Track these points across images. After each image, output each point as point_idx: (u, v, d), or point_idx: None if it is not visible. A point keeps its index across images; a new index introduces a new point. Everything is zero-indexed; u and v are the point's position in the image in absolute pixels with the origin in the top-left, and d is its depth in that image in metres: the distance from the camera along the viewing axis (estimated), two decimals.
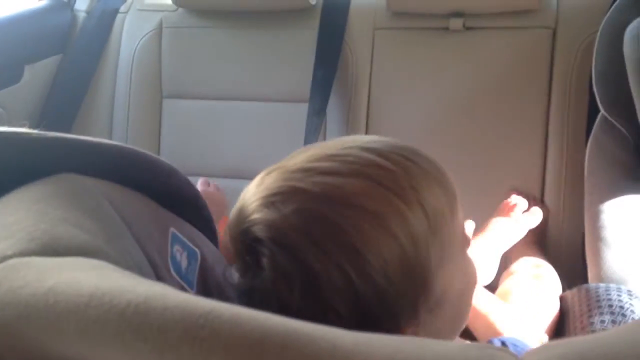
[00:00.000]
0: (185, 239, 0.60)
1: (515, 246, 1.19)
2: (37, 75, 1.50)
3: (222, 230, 0.71)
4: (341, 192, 0.42)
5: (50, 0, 1.60)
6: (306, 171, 0.44)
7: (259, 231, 0.43)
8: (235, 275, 0.63)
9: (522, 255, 1.15)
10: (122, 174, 0.49)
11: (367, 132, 1.40)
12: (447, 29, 1.37)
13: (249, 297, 0.45)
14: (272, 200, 0.43)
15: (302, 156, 0.47)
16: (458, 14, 1.36)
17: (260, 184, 0.46)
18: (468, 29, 1.37)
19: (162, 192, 0.56)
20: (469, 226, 0.83)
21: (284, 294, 0.42)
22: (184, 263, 0.61)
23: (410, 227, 0.42)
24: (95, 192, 0.44)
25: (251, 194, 0.46)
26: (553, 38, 1.33)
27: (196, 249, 0.62)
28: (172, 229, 0.58)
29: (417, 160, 0.46)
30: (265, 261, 0.42)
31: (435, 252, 0.44)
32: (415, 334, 0.45)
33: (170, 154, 1.51)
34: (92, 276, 0.30)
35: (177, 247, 0.59)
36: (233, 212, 0.47)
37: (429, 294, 0.44)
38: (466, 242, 0.51)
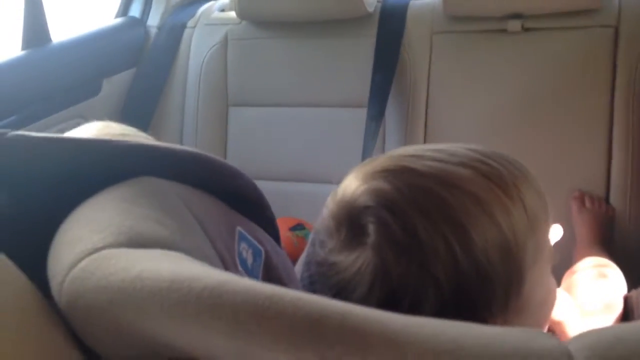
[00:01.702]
0: (250, 238, 0.64)
1: (580, 246, 1.18)
2: (113, 87, 1.61)
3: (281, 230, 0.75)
4: (451, 176, 0.45)
5: (124, 18, 1.71)
6: (415, 157, 0.47)
7: (368, 199, 0.44)
8: (298, 271, 0.67)
9: (586, 255, 1.14)
10: (193, 176, 0.53)
11: (425, 136, 1.42)
12: (505, 30, 1.37)
13: (336, 277, 0.46)
14: (382, 174, 0.45)
15: (406, 149, 0.49)
16: (516, 16, 1.35)
17: (361, 169, 0.48)
18: (527, 30, 1.36)
19: (229, 193, 0.60)
20: (558, 230, 0.83)
21: (388, 259, 0.43)
22: (249, 260, 0.65)
23: (512, 219, 0.44)
24: (171, 193, 0.48)
25: (353, 177, 0.48)
26: (615, 36, 1.31)
27: (261, 247, 0.66)
28: (238, 228, 0.62)
29: (516, 164, 0.48)
30: (372, 227, 0.44)
31: (530, 248, 0.45)
32: None
33: (236, 159, 1.57)
34: (172, 265, 0.34)
35: (243, 245, 0.64)
36: (334, 192, 0.49)
37: (521, 288, 0.45)
38: (551, 255, 0.52)
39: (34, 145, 0.42)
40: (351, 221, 0.45)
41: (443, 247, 0.42)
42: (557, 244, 0.90)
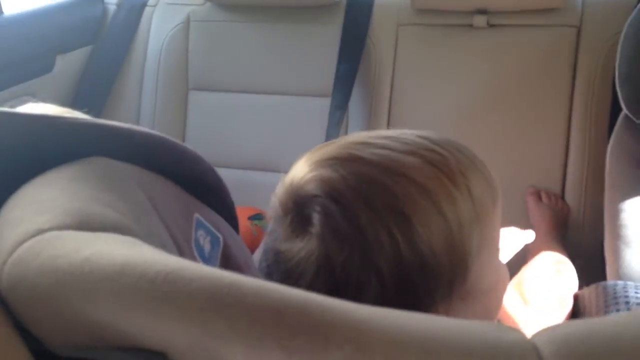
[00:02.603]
0: (208, 225, 0.62)
1: (535, 241, 1.20)
2: (68, 65, 1.54)
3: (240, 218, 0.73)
4: (397, 165, 0.44)
5: None
6: (364, 144, 0.46)
7: (314, 188, 0.44)
8: (256, 260, 0.65)
9: (542, 250, 1.16)
10: (150, 159, 0.51)
11: (388, 127, 1.42)
12: (471, 26, 1.38)
13: (283, 265, 0.46)
14: (329, 162, 0.45)
15: (357, 136, 0.49)
16: (482, 11, 1.36)
17: (311, 155, 0.48)
18: (492, 26, 1.37)
19: (187, 178, 0.58)
20: (530, 236, 0.84)
21: (331, 249, 0.43)
22: (207, 247, 0.63)
23: (458, 208, 0.44)
24: (124, 175, 0.46)
25: (302, 162, 0.47)
26: (577, 37, 1.33)
27: (219, 235, 0.64)
28: (196, 215, 0.60)
29: (465, 152, 0.48)
30: (317, 217, 0.43)
31: (476, 238, 0.45)
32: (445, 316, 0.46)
33: (195, 145, 1.50)
34: (124, 249, 0.32)
35: (200, 232, 0.62)
36: (284, 178, 0.48)
37: (465, 277, 0.45)
38: (499, 243, 0.52)
39: None
40: (297, 209, 0.45)
41: (386, 238, 0.42)
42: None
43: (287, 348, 0.27)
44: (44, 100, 1.46)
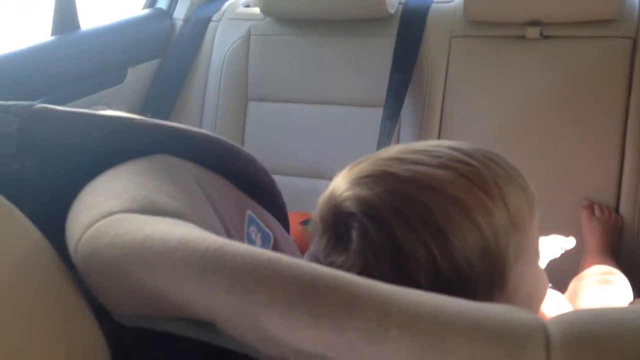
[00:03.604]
0: (260, 222, 0.67)
1: (588, 254, 1.19)
2: (138, 76, 1.65)
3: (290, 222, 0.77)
4: (430, 179, 0.45)
5: (152, 9, 1.75)
6: (397, 160, 0.47)
7: (351, 206, 0.45)
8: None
9: (594, 263, 1.15)
10: (208, 158, 0.56)
11: (439, 138, 1.43)
12: (523, 37, 1.38)
13: None
14: (364, 180, 0.46)
15: (391, 150, 0.49)
16: (535, 23, 1.36)
17: (350, 170, 0.49)
18: (545, 37, 1.37)
19: (241, 178, 0.62)
20: (571, 242, 0.84)
21: (370, 264, 0.44)
22: (258, 243, 0.67)
23: (493, 219, 0.44)
24: (185, 171, 0.51)
25: (341, 178, 0.49)
26: (633, 48, 1.31)
27: (269, 232, 0.68)
28: (249, 212, 0.64)
29: (500, 162, 0.48)
30: (355, 234, 0.45)
31: (513, 247, 0.45)
32: None
33: (252, 152, 1.58)
34: (180, 229, 0.37)
35: (252, 228, 0.66)
36: (324, 194, 0.50)
37: (503, 286, 0.45)
38: (538, 251, 0.52)
39: (58, 117, 0.45)
40: (337, 226, 0.47)
41: (423, 252, 0.43)
42: (566, 251, 0.92)
43: (317, 315, 0.31)
44: (117, 109, 1.57)
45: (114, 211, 0.39)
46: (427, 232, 0.43)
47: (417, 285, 0.43)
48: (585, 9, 1.32)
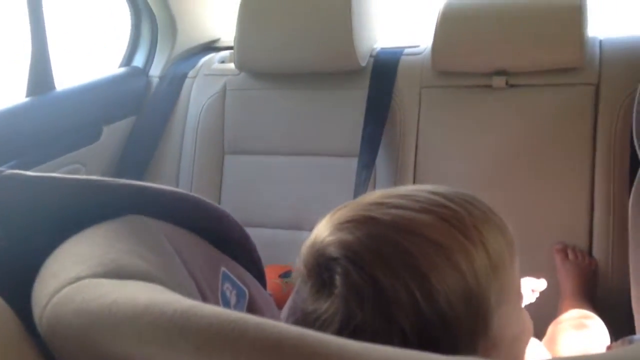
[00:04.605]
0: (235, 278, 0.66)
1: (564, 298, 1.20)
2: (113, 134, 1.65)
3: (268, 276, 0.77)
4: (411, 223, 0.46)
5: (128, 67, 1.78)
6: (378, 204, 0.48)
7: (334, 251, 0.46)
8: (284, 316, 0.68)
9: (571, 307, 1.16)
10: (180, 216, 0.56)
11: (414, 184, 1.45)
12: (490, 86, 1.43)
13: (310, 325, 0.47)
14: (346, 225, 0.47)
15: (372, 195, 0.50)
16: (501, 72, 1.41)
17: (332, 216, 0.50)
18: (511, 86, 1.41)
19: (214, 234, 0.62)
20: (542, 284, 0.85)
21: (353, 309, 0.44)
22: (232, 300, 0.67)
23: (473, 262, 0.45)
24: (156, 231, 0.51)
25: (324, 224, 0.49)
26: (596, 94, 1.36)
27: (245, 288, 0.68)
28: (223, 268, 0.64)
29: (478, 205, 0.49)
30: (338, 278, 0.45)
31: (494, 291, 0.46)
32: None
33: (230, 205, 1.60)
34: (148, 293, 0.37)
35: (227, 285, 0.66)
36: (307, 240, 0.50)
37: (487, 330, 0.46)
38: (520, 293, 0.53)
39: (27, 183, 0.45)
40: (320, 272, 0.47)
41: (405, 297, 0.43)
42: (542, 295, 0.93)
43: None
44: (92, 167, 1.56)
45: (81, 277, 0.38)
46: (409, 276, 0.43)
47: (401, 330, 0.44)
48: (549, 58, 1.37)
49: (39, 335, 0.38)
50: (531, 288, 0.84)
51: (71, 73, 1.81)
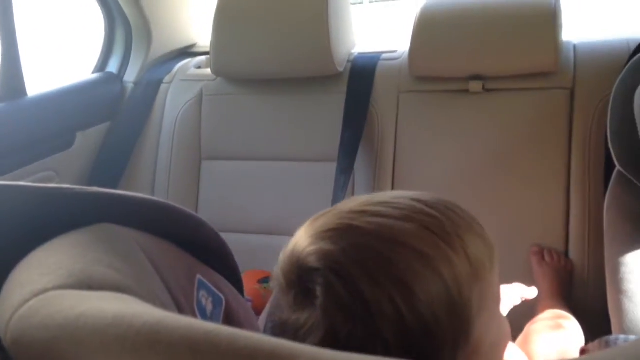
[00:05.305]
0: (211, 286, 0.65)
1: (540, 298, 1.21)
2: (87, 141, 1.63)
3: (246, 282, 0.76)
4: (393, 232, 0.45)
5: (102, 73, 1.75)
6: (359, 213, 0.47)
7: (315, 261, 0.45)
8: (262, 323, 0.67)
9: (547, 308, 1.17)
10: (153, 224, 0.55)
11: (393, 189, 1.45)
12: (467, 91, 1.43)
13: (290, 335, 0.46)
14: (328, 235, 0.46)
15: (352, 203, 0.50)
16: (478, 77, 1.42)
17: (312, 224, 0.49)
18: (488, 91, 1.42)
19: (190, 242, 0.61)
20: (533, 292, 0.85)
21: (335, 320, 0.44)
22: (209, 308, 0.66)
23: (455, 270, 0.45)
24: (128, 239, 0.50)
25: (303, 232, 0.49)
26: (571, 98, 1.37)
27: (221, 295, 0.67)
28: (198, 276, 0.63)
29: (459, 212, 0.49)
30: (319, 290, 0.45)
31: (476, 298, 0.46)
32: None
33: (207, 211, 1.59)
34: (116, 304, 0.36)
35: (202, 293, 0.65)
36: (286, 249, 0.49)
37: (469, 337, 0.46)
38: (499, 299, 0.53)
39: None
40: (300, 282, 0.46)
41: (388, 306, 0.43)
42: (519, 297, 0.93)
43: None
44: (65, 175, 1.53)
45: (48, 288, 0.37)
46: (392, 287, 0.43)
47: (385, 342, 0.43)
48: (524, 63, 1.39)
49: (4, 349, 0.36)
50: (521, 295, 0.84)
51: (43, 79, 1.78)
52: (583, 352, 0.99)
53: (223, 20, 1.55)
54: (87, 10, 1.92)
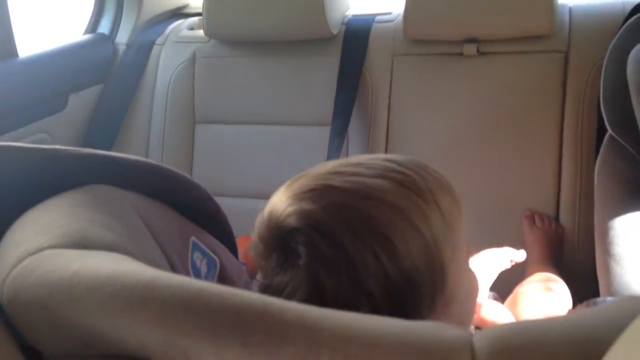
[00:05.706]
0: (205, 248, 0.66)
1: (530, 262, 1.23)
2: (80, 103, 1.61)
3: (241, 246, 0.77)
4: (370, 189, 0.48)
5: (93, 34, 1.73)
6: (336, 174, 0.49)
7: (295, 221, 0.46)
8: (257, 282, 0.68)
9: (536, 271, 1.19)
10: (148, 186, 0.55)
11: (386, 152, 1.46)
12: (461, 54, 1.43)
13: (276, 296, 0.49)
14: (307, 195, 0.48)
15: (328, 165, 0.52)
16: (472, 40, 1.41)
17: (289, 186, 0.50)
18: (482, 54, 1.42)
19: (184, 204, 0.62)
20: (521, 255, 0.87)
21: (320, 277, 0.45)
22: (203, 269, 0.67)
23: (430, 222, 0.47)
24: (123, 200, 0.50)
25: (281, 195, 0.50)
26: (565, 61, 1.37)
27: (215, 257, 0.68)
28: (193, 238, 0.64)
29: (429, 170, 0.52)
30: (302, 249, 0.46)
31: (449, 248, 0.49)
32: None
33: (202, 175, 1.59)
34: (110, 263, 0.37)
35: (197, 255, 0.66)
36: (263, 213, 0.50)
37: (444, 287, 0.48)
38: (469, 251, 0.55)
39: None
40: (281, 244, 0.47)
41: (372, 260, 0.45)
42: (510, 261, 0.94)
43: (247, 344, 0.31)
44: (58, 137, 1.52)
45: (43, 247, 0.38)
46: (373, 240, 0.45)
47: (370, 294, 0.45)
48: (519, 26, 1.38)
49: (1, 308, 0.37)
50: (510, 258, 0.86)
51: (34, 40, 1.75)
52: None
53: None
54: None
